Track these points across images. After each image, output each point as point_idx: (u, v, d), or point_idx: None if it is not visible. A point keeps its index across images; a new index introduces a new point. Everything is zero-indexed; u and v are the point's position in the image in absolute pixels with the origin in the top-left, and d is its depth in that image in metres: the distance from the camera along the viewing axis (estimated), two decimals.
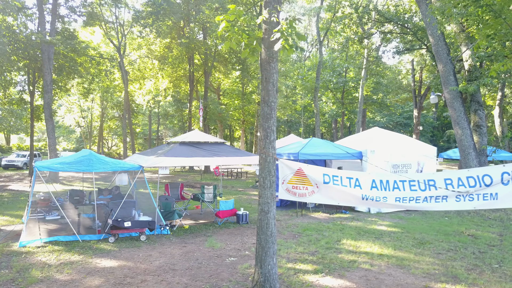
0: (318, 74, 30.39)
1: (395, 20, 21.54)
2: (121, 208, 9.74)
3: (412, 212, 13.56)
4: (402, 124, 53.29)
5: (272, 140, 6.00)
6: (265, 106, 6.01)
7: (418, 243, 9.46)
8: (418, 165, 14.05)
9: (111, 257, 8.16)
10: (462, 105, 14.26)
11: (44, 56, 20.79)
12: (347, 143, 15.29)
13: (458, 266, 7.69)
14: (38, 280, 6.77)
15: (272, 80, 6.01)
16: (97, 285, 6.56)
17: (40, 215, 9.73)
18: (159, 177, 12.44)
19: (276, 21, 5.83)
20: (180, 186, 13.16)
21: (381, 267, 7.59)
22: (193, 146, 11.39)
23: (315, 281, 6.76)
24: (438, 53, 14.35)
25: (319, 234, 10.18)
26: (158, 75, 33.89)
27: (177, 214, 10.68)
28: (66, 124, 49.94)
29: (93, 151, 10.05)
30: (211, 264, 7.72)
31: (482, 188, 5.51)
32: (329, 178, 5.93)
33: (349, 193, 5.85)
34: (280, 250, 8.65)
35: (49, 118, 21.11)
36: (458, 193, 5.55)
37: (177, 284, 6.65)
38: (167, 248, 8.85)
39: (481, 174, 5.55)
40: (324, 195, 6.00)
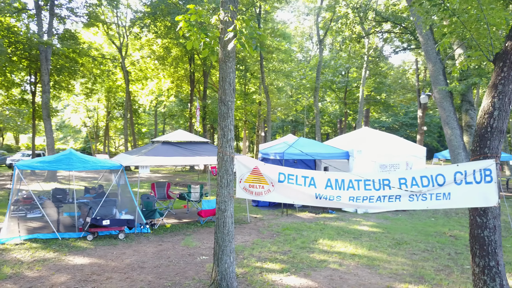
0: (318, 74, 30.31)
1: (391, 19, 21.40)
2: (102, 206, 9.85)
3: (399, 213, 13.48)
4: (408, 124, 52.91)
5: (229, 139, 6.03)
6: (222, 105, 6.05)
7: (395, 243, 9.41)
8: (406, 165, 13.95)
9: (85, 254, 8.28)
10: (451, 104, 14.12)
11: (42, 56, 21.10)
12: (337, 143, 15.25)
13: (428, 267, 7.64)
14: (7, 276, 6.90)
15: (228, 79, 6.05)
16: (62, 282, 6.67)
17: (22, 213, 9.91)
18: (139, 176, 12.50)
19: (229, 20, 5.85)
20: (167, 186, 13.25)
21: (350, 267, 7.57)
22: (175, 146, 11.48)
23: (278, 280, 6.78)
24: (427, 52, 14.24)
25: (298, 234, 10.18)
26: (159, 75, 34.13)
27: (158, 213, 10.77)
28: (72, 124, 50.53)
29: (73, 151, 10.18)
30: (180, 263, 7.79)
31: (435, 187, 5.47)
32: (284, 177, 5.94)
33: (303, 192, 5.86)
34: (254, 249, 8.68)
35: (47, 118, 21.41)
36: (411, 192, 5.53)
37: (140, 281, 6.73)
38: (142, 247, 8.94)
39: (434, 174, 5.52)
40: (279, 194, 6.01)
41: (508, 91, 5.29)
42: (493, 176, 5.33)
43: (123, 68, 30.48)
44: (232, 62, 6.09)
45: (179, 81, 34.64)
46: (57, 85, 27.08)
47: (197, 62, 30.97)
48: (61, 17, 24.12)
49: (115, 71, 33.64)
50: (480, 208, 5.38)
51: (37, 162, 9.69)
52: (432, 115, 50.16)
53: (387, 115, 52.65)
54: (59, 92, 28.41)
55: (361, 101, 30.89)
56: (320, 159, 13.56)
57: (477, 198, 5.37)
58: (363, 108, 33.34)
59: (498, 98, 5.33)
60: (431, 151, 45.00)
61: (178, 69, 33.21)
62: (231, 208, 6.06)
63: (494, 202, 5.30)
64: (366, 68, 30.35)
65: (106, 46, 35.03)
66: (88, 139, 51.13)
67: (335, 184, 5.83)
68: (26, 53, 23.18)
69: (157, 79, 35.43)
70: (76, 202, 10.32)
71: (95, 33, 33.23)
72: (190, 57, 30.82)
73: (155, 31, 27.71)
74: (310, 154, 12.81)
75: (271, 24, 32.11)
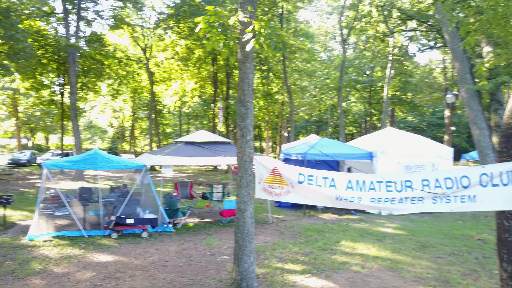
0: (342, 74, 30.01)
1: (417, 17, 20.96)
2: (126, 205, 10.04)
3: (425, 215, 13.19)
4: (435, 124, 51.64)
5: (248, 140, 6.04)
6: (241, 106, 6.07)
7: (420, 246, 9.21)
8: (432, 166, 13.62)
9: (110, 252, 8.46)
10: (479, 104, 13.71)
11: (70, 58, 21.69)
12: (360, 143, 15.06)
13: (455, 271, 7.44)
14: (35, 272, 7.13)
15: (247, 80, 6.05)
16: (87, 279, 6.83)
17: (50, 210, 10.22)
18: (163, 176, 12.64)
19: (247, 21, 5.86)
20: (190, 185, 13.39)
21: (372, 269, 7.46)
22: (198, 146, 11.58)
23: (299, 281, 6.75)
24: (454, 51, 13.88)
25: (320, 235, 10.10)
26: (183, 76, 34.53)
27: (181, 212, 10.89)
28: (99, 125, 51.72)
29: (99, 150, 10.42)
30: (202, 262, 7.85)
31: (460, 189, 5.32)
32: (304, 177, 5.90)
33: (323, 193, 5.80)
34: (275, 250, 8.67)
35: (75, 119, 22.00)
36: (434, 194, 5.40)
37: (163, 280, 6.82)
38: (165, 245, 9.07)
39: (459, 175, 5.37)
40: (299, 195, 5.98)
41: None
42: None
43: (148, 69, 30.99)
44: (251, 63, 6.10)
45: (202, 81, 34.96)
46: (84, 87, 27.81)
47: (220, 63, 31.16)
48: (87, 20, 24.76)
49: (140, 72, 34.24)
50: (508, 211, 5.19)
51: (64, 162, 9.97)
52: (460, 115, 48.86)
53: (413, 115, 51.59)
54: (86, 93, 29.12)
55: (385, 101, 30.37)
56: (342, 160, 13.41)
57: (504, 201, 5.19)
58: (388, 108, 32.77)
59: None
60: (460, 151, 43.83)
61: (202, 70, 33.51)
62: (251, 208, 6.07)
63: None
64: (391, 67, 29.83)
65: (131, 47, 35.67)
66: (114, 139, 52.23)
67: (356, 185, 5.75)
68: (55, 55, 23.92)
69: (181, 80, 35.86)
70: (102, 201, 10.55)
71: (120, 35, 33.91)
72: (213, 58, 31.05)
73: (178, 32, 28.06)
74: (332, 155, 12.69)
75: (294, 24, 31.98)
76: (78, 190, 11.30)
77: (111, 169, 10.21)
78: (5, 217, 10.62)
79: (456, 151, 40.01)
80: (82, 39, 25.09)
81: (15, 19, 17.41)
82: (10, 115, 45.98)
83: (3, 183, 20.41)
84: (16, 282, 6.63)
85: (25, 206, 13.79)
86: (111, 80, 33.97)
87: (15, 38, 17.43)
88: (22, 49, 18.44)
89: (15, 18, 17.47)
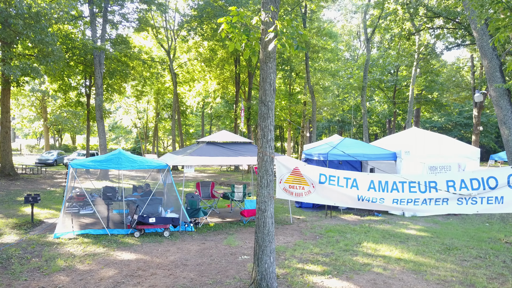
0: (366, 73, 29.62)
1: (444, 14, 20.47)
2: (148, 204, 10.20)
3: (450, 217, 12.86)
4: (462, 124, 50.31)
5: (269, 139, 6.03)
6: (262, 106, 6.05)
7: (445, 248, 8.99)
8: (458, 167, 13.28)
9: (132, 250, 8.59)
10: (509, 103, 13.24)
11: (96, 61, 22.18)
12: (384, 143, 14.82)
13: (481, 274, 7.22)
14: (61, 269, 7.30)
15: (269, 79, 6.03)
16: (110, 276, 6.96)
17: (75, 209, 10.46)
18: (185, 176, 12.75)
19: (270, 21, 5.84)
20: (211, 185, 13.47)
21: (394, 271, 7.32)
22: (219, 146, 11.64)
23: (319, 282, 6.68)
24: (482, 48, 13.45)
25: (341, 236, 9.99)
26: (206, 77, 34.80)
27: (202, 212, 10.96)
28: (124, 125, 52.67)
29: (123, 151, 10.61)
30: (222, 261, 7.88)
31: (487, 191, 5.17)
32: (326, 178, 5.84)
33: (344, 193, 5.73)
34: (295, 251, 8.62)
35: (100, 119, 22.46)
36: (460, 195, 5.26)
37: (183, 278, 6.88)
38: (186, 245, 9.14)
39: (486, 176, 5.21)
40: (320, 195, 5.92)
41: None
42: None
43: (171, 71, 31.37)
44: (273, 62, 6.08)
45: (225, 82, 35.14)
46: (110, 88, 28.37)
47: (242, 63, 31.26)
48: (113, 23, 25.26)
49: (164, 74, 34.69)
50: None
51: (89, 161, 10.20)
52: (489, 115, 47.49)
53: (439, 115, 50.43)
54: (111, 95, 29.71)
55: (410, 100, 29.80)
56: (365, 160, 13.23)
57: None
58: (413, 108, 32.15)
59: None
60: (488, 152, 42.59)
61: (224, 71, 33.70)
62: (271, 208, 6.05)
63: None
64: (416, 66, 29.25)
65: (155, 49, 36.21)
66: (138, 139, 53.10)
67: (378, 186, 5.66)
68: (82, 58, 24.52)
69: (204, 81, 36.14)
70: (125, 200, 10.73)
71: (145, 37, 34.50)
72: (235, 59, 31.16)
73: (201, 33, 28.29)
74: (355, 155, 12.53)
75: (317, 23, 31.75)
76: (102, 189, 11.53)
77: (135, 169, 10.37)
78: (32, 215, 10.92)
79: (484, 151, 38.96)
80: (108, 41, 25.65)
81: (44, 23, 17.93)
82: (39, 116, 47.38)
83: (31, 182, 21.04)
84: (42, 278, 6.81)
85: (52, 204, 14.17)
86: (136, 82, 34.60)
87: (45, 42, 17.95)
88: (51, 52, 18.98)
89: (45, 23, 18.00)
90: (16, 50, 21.14)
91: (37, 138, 61.59)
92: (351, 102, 44.81)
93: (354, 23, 49.81)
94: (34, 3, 17.71)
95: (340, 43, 44.76)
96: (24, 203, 10.85)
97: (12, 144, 57.76)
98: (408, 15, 22.82)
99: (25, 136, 62.83)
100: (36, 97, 44.82)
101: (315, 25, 30.26)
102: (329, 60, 35.99)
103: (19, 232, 9.94)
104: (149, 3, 25.12)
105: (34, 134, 57.00)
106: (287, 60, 31.04)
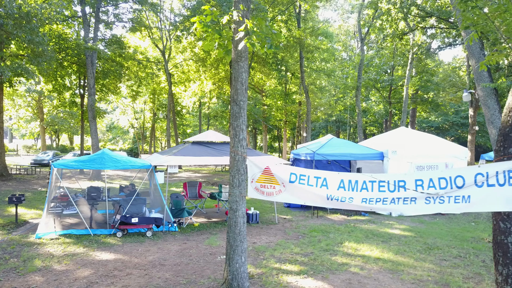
0: (360, 73, 29.61)
1: (436, 14, 20.44)
2: (132, 205, 10.19)
3: (437, 216, 12.85)
4: (459, 124, 50.20)
5: (241, 139, 6.02)
6: (234, 105, 6.04)
7: (426, 248, 8.97)
8: (446, 166, 13.26)
9: (112, 251, 8.57)
10: (496, 103, 13.23)
11: (88, 61, 22.17)
12: (372, 143, 14.81)
13: (457, 274, 7.21)
14: (37, 269, 7.29)
15: (240, 79, 6.03)
16: (85, 276, 6.94)
17: (59, 209, 10.45)
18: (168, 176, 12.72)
19: (240, 20, 5.83)
20: (198, 185, 13.45)
21: (371, 271, 7.30)
22: (204, 146, 11.62)
23: (293, 282, 6.67)
24: (470, 47, 13.44)
25: (324, 236, 9.97)
26: (201, 77, 34.78)
27: (186, 212, 10.95)
28: (121, 126, 52.72)
29: (107, 151, 10.59)
30: (200, 261, 7.86)
31: (454, 190, 5.15)
32: (296, 177, 5.82)
33: (314, 193, 5.71)
34: (276, 250, 8.60)
35: (92, 120, 22.44)
36: (427, 195, 5.24)
37: (158, 278, 6.86)
38: (167, 245, 9.13)
39: (453, 175, 5.20)
40: (290, 194, 5.90)
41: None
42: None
43: (166, 71, 31.38)
44: (245, 61, 6.07)
45: (220, 82, 35.11)
46: (104, 88, 28.36)
47: None
48: (107, 22, 25.25)
49: (159, 74, 34.69)
50: (504, 213, 4.99)
51: (72, 162, 10.18)
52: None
53: (436, 115, 50.34)
54: (106, 95, 29.70)
55: (405, 100, 29.78)
56: (352, 159, 13.22)
57: (499, 202, 4.99)
58: (408, 107, 32.12)
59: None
60: (485, 151, 42.46)
61: (219, 71, 33.67)
62: (243, 208, 6.04)
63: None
64: (410, 66, 29.22)
65: (151, 49, 36.21)
66: (135, 140, 53.12)
67: (348, 185, 5.64)
68: (75, 58, 24.49)
69: (199, 81, 36.12)
70: (109, 200, 10.71)
71: (141, 37, 34.49)
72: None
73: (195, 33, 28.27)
74: (342, 155, 12.51)
75: (312, 23, 31.75)
76: (87, 189, 11.52)
77: (118, 169, 10.36)
78: (16, 215, 10.91)
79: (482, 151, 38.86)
80: (102, 41, 25.64)
81: (35, 24, 17.91)
82: (36, 117, 47.41)
83: (23, 183, 21.03)
84: (17, 278, 6.79)
85: (40, 205, 14.14)
86: (131, 82, 34.58)
87: (35, 42, 17.93)
88: (42, 52, 18.96)
89: (36, 23, 17.97)
90: (7, 50, 21.12)
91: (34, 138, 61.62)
92: (347, 102, 44.74)
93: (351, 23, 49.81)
94: (25, 2, 17.69)
95: (337, 43, 44.75)
96: (8, 204, 10.82)
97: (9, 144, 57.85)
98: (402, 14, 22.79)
99: (22, 137, 62.89)
100: (33, 97, 44.82)
101: (309, 25, 30.26)
102: (325, 60, 35.95)
103: (1, 232, 9.93)
104: (142, 3, 25.11)
105: (31, 135, 57.05)
106: (281, 60, 31.03)
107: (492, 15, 5.66)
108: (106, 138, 63.50)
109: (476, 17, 5.31)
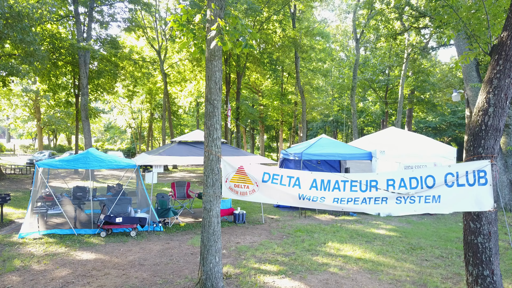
0: (355, 73, 29.59)
1: (429, 14, 20.41)
2: (117, 204, 10.16)
3: (425, 216, 12.83)
4: (456, 124, 50.19)
5: (215, 138, 5.99)
6: (208, 104, 6.02)
7: (409, 248, 8.94)
8: (434, 166, 13.22)
9: (94, 250, 8.55)
10: None
11: (81, 61, 22.16)
12: (362, 143, 14.78)
13: (437, 274, 7.18)
14: (15, 269, 7.26)
15: (214, 78, 6.00)
16: (62, 276, 6.92)
17: (43, 209, 10.43)
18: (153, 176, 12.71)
19: (212, 19, 5.81)
20: (187, 185, 13.43)
21: (350, 271, 7.28)
22: (190, 146, 11.60)
23: (270, 282, 6.64)
24: (458, 47, 13.46)
25: (309, 236, 9.95)
26: (197, 77, 34.77)
27: (172, 211, 10.93)
28: (118, 126, 52.68)
29: (91, 150, 10.57)
30: (180, 261, 7.84)
31: (424, 190, 5.13)
32: (269, 176, 5.80)
33: (286, 192, 5.69)
34: (257, 250, 8.58)
35: (85, 119, 22.43)
36: (398, 194, 5.22)
37: (135, 278, 6.84)
38: (150, 244, 9.10)
39: (424, 175, 5.18)
40: (263, 194, 5.88)
41: (504, 85, 4.86)
42: (488, 178, 4.92)
43: (162, 71, 31.38)
44: (218, 61, 6.04)
45: None
46: (99, 88, 28.33)
47: (232, 63, 31.24)
48: (102, 22, 25.23)
49: (155, 74, 34.68)
50: (474, 213, 4.97)
51: (56, 161, 10.16)
52: None
53: (434, 115, 50.29)
54: (100, 95, 29.68)
55: (400, 100, 29.78)
56: (340, 159, 13.19)
57: (469, 202, 4.98)
58: (403, 108, 32.10)
59: (493, 93, 4.92)
60: None
61: None
62: (217, 207, 6.01)
63: (489, 206, 4.89)
64: (405, 66, 29.21)
65: (147, 49, 36.21)
66: (133, 139, 53.12)
67: (320, 185, 5.62)
68: (70, 58, 24.47)
69: (196, 81, 36.11)
70: (94, 200, 10.69)
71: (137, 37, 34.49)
72: (225, 59, 31.14)
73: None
74: (330, 155, 12.49)
75: (307, 23, 31.74)
76: (72, 189, 11.49)
77: (103, 168, 10.34)
78: (2, 215, 10.88)
79: None
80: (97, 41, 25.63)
81: (27, 23, 17.88)
82: (33, 117, 47.37)
83: (16, 183, 21.02)
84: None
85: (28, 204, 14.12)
86: (127, 82, 34.54)
87: (26, 41, 17.91)
88: (34, 52, 18.93)
89: (27, 22, 17.95)
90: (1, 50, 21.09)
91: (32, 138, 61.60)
92: (344, 102, 44.73)
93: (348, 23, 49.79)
94: (16, 2, 17.67)
95: (334, 43, 44.73)
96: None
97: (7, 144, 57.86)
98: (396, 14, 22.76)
99: (20, 137, 62.90)
100: (29, 97, 44.76)
101: (304, 25, 30.25)
102: (322, 60, 35.94)
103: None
104: (135, 3, 25.08)
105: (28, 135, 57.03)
106: (276, 60, 31.03)
107: (466, 15, 5.65)
108: (104, 138, 63.52)
109: (447, 16, 5.29)
